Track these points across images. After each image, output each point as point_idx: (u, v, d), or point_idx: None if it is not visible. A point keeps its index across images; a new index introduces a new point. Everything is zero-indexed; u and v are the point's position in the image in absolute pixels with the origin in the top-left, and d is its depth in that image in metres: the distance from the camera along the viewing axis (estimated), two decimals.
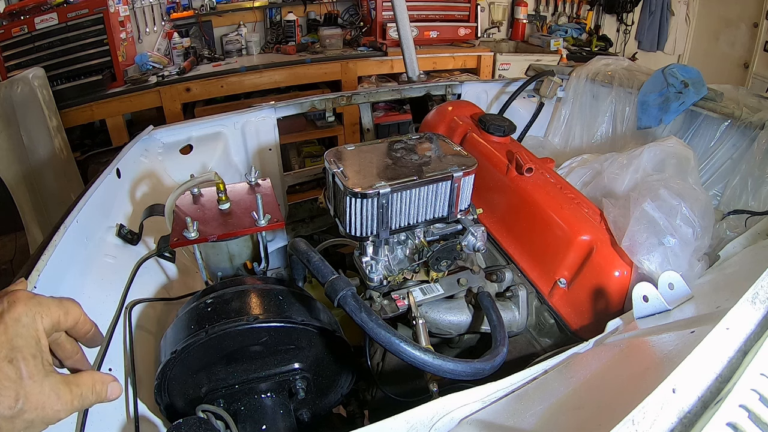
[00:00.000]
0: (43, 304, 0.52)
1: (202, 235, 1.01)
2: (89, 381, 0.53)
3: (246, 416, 0.85)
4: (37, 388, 0.48)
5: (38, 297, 0.52)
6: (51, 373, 0.50)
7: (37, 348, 0.49)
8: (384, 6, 3.72)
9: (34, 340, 0.49)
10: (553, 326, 1.06)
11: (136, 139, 1.50)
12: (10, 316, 0.49)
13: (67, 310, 0.54)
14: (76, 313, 0.55)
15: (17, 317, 0.49)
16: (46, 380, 0.49)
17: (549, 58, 3.95)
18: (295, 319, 0.87)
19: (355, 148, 1.06)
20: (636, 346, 0.67)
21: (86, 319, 0.57)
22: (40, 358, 0.49)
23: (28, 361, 0.48)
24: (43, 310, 0.51)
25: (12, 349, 0.47)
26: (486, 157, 1.27)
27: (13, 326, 0.48)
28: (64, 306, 0.54)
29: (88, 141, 3.30)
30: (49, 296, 0.54)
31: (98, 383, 0.54)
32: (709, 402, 0.45)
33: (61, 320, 0.54)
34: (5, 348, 0.47)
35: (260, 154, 1.81)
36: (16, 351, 0.47)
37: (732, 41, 4.41)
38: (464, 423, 0.62)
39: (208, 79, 3.34)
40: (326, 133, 3.65)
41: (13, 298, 0.50)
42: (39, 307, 0.51)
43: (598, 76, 1.87)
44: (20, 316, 0.49)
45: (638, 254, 0.92)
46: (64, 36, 2.99)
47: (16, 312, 0.49)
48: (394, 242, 1.05)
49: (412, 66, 2.24)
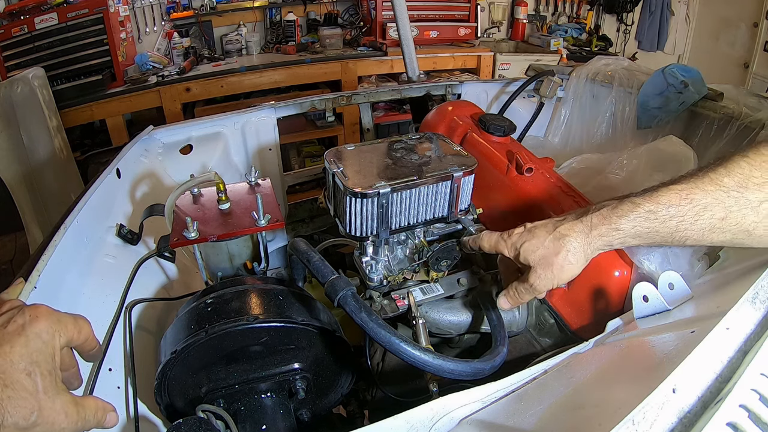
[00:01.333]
0: (62, 322, 0.54)
1: (202, 235, 1.01)
2: (93, 406, 0.55)
3: (246, 416, 0.85)
4: (50, 403, 0.49)
5: (58, 314, 0.54)
6: (63, 391, 0.52)
7: (52, 365, 0.51)
8: (384, 6, 3.72)
9: (51, 357, 0.51)
10: (553, 326, 1.06)
11: (136, 139, 1.50)
12: (32, 330, 0.50)
13: (80, 328, 0.56)
14: (87, 331, 0.57)
15: (39, 332, 0.50)
16: (58, 397, 0.50)
17: (549, 58, 3.95)
18: (295, 319, 0.87)
19: (355, 148, 1.06)
20: (636, 346, 0.67)
21: (94, 337, 0.59)
22: (55, 375, 0.51)
23: (45, 376, 0.49)
24: (61, 328, 0.53)
25: (31, 363, 0.48)
26: (486, 157, 1.27)
27: (34, 341, 0.50)
28: (78, 324, 0.56)
29: (88, 141, 3.30)
30: (65, 312, 0.55)
31: (100, 410, 0.56)
32: (709, 402, 0.45)
33: (75, 338, 0.55)
34: (25, 361, 0.48)
35: (260, 154, 1.81)
36: (34, 365, 0.49)
37: (732, 41, 4.41)
38: (464, 423, 0.62)
39: (208, 79, 3.34)
40: (326, 133, 3.66)
41: (35, 312, 0.52)
42: (58, 324, 0.53)
43: (598, 76, 1.87)
44: (41, 331, 0.51)
45: (638, 254, 0.92)
46: (64, 36, 2.99)
47: (38, 327, 0.51)
48: (394, 242, 1.05)
49: (412, 66, 2.24)
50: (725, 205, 0.62)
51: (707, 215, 0.64)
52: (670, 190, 0.66)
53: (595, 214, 0.72)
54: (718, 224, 0.63)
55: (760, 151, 0.63)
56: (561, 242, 0.74)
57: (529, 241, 0.78)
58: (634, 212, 0.68)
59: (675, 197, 0.65)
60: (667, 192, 0.66)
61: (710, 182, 0.64)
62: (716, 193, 0.63)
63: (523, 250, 0.78)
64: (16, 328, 0.49)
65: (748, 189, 0.61)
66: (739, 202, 0.62)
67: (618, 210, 0.70)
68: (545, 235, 0.76)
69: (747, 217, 0.62)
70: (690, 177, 0.66)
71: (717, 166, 0.65)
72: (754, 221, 0.62)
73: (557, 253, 0.74)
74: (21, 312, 0.51)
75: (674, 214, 0.65)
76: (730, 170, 0.63)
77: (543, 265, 0.76)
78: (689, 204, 0.64)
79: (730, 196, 0.62)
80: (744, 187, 0.62)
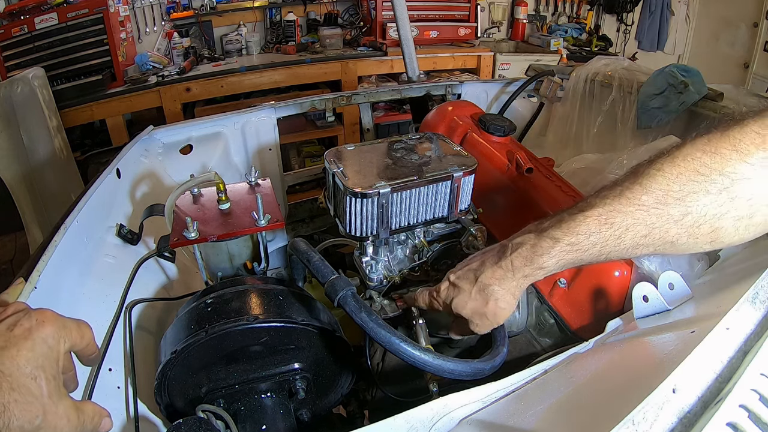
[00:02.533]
0: (67, 327, 0.54)
1: (202, 235, 1.01)
2: (91, 410, 0.55)
3: (246, 416, 0.85)
4: (54, 408, 0.49)
5: (63, 319, 0.54)
6: (65, 396, 0.52)
7: (56, 369, 0.51)
8: (384, 6, 3.72)
9: (55, 362, 0.51)
10: (553, 326, 1.06)
11: (136, 139, 1.50)
12: (39, 335, 0.50)
13: (83, 334, 0.57)
14: (89, 337, 0.58)
15: (45, 337, 0.51)
16: (61, 402, 0.51)
17: (549, 58, 3.94)
18: (295, 319, 0.87)
19: (355, 148, 1.06)
20: (636, 346, 0.67)
21: (94, 342, 0.59)
22: (58, 379, 0.51)
23: (49, 381, 0.49)
24: (66, 333, 0.54)
25: (37, 367, 0.49)
26: (486, 157, 1.27)
27: (41, 345, 0.50)
28: (81, 330, 0.56)
29: (88, 141, 3.30)
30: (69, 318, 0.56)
31: (97, 415, 0.56)
32: (709, 402, 0.45)
33: (77, 343, 0.56)
34: (31, 365, 0.48)
35: (260, 154, 1.82)
36: (40, 370, 0.49)
37: (732, 41, 4.41)
38: (464, 423, 0.62)
39: (208, 79, 3.34)
40: (326, 133, 3.65)
41: (42, 317, 0.52)
42: (64, 330, 0.53)
43: (598, 76, 1.87)
44: (47, 336, 0.51)
45: None
46: (64, 36, 2.99)
47: (44, 332, 0.51)
48: (394, 242, 1.05)
49: (412, 66, 2.24)
50: (647, 223, 0.61)
51: (630, 235, 0.63)
52: (588, 218, 0.65)
53: (515, 256, 0.72)
54: (642, 241, 0.63)
55: (675, 162, 0.61)
56: (486, 293, 0.75)
57: (456, 297, 0.79)
58: (556, 248, 0.67)
59: (595, 224, 0.64)
60: (586, 220, 0.65)
61: (628, 202, 0.62)
62: (636, 213, 0.62)
63: (453, 306, 0.80)
64: (23, 332, 0.50)
65: (669, 204, 0.60)
66: (661, 218, 0.61)
67: (538, 249, 0.69)
68: (469, 288, 0.77)
69: (670, 230, 0.61)
70: (605, 197, 0.65)
71: (632, 183, 0.63)
72: (677, 233, 0.61)
73: (486, 304, 0.76)
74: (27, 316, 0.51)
75: (596, 241, 0.64)
76: (646, 187, 0.61)
77: (477, 316, 0.78)
78: (610, 228, 0.63)
79: (650, 214, 0.61)
80: (664, 203, 0.60)
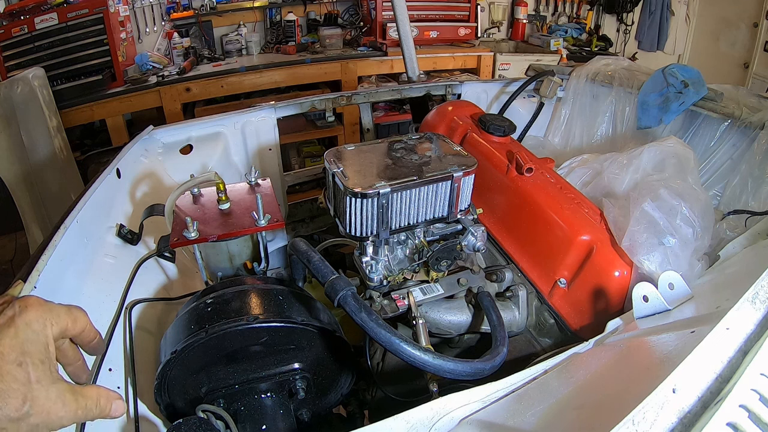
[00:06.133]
0: (54, 311, 0.53)
1: (202, 235, 1.01)
2: (95, 394, 0.54)
3: (246, 416, 0.85)
4: (44, 393, 0.48)
5: (49, 304, 0.53)
6: (58, 380, 0.51)
7: (45, 354, 0.50)
8: (384, 6, 3.72)
9: (43, 346, 0.50)
10: (553, 326, 1.06)
11: (136, 139, 1.50)
12: (22, 320, 0.50)
13: (75, 318, 0.55)
14: (83, 321, 0.56)
15: (28, 322, 0.50)
16: (53, 386, 0.50)
17: (549, 58, 3.95)
18: (295, 319, 0.87)
19: (355, 148, 1.06)
20: (636, 346, 0.67)
21: (92, 327, 0.58)
22: (48, 364, 0.50)
23: (36, 366, 0.49)
24: (53, 317, 0.52)
25: (22, 353, 0.48)
26: (486, 157, 1.27)
27: (24, 331, 0.49)
28: (72, 314, 0.55)
29: (88, 141, 3.30)
30: (58, 303, 0.55)
31: (103, 398, 0.55)
32: (709, 402, 0.45)
33: (69, 327, 0.55)
34: (15, 351, 0.48)
35: (260, 154, 1.82)
36: (25, 355, 0.48)
37: (732, 41, 4.41)
38: (464, 423, 0.62)
39: (208, 79, 3.34)
40: (326, 133, 3.66)
41: (25, 303, 0.51)
42: (50, 313, 0.52)
43: (598, 76, 1.87)
44: (31, 321, 0.50)
45: (638, 254, 0.92)
46: (64, 36, 2.99)
47: (27, 317, 0.50)
48: (394, 242, 1.05)
49: (412, 66, 2.24)
50: None
51: None
52: None
53: None
54: None
55: None
56: None
57: None
58: None
59: None
60: None
61: None
62: None
63: None
64: (6, 320, 0.49)
65: None
66: None
67: None
68: None
69: None
70: None
71: None
72: None
73: None
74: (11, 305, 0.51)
75: None
76: None
77: None
78: None
79: None
80: None
